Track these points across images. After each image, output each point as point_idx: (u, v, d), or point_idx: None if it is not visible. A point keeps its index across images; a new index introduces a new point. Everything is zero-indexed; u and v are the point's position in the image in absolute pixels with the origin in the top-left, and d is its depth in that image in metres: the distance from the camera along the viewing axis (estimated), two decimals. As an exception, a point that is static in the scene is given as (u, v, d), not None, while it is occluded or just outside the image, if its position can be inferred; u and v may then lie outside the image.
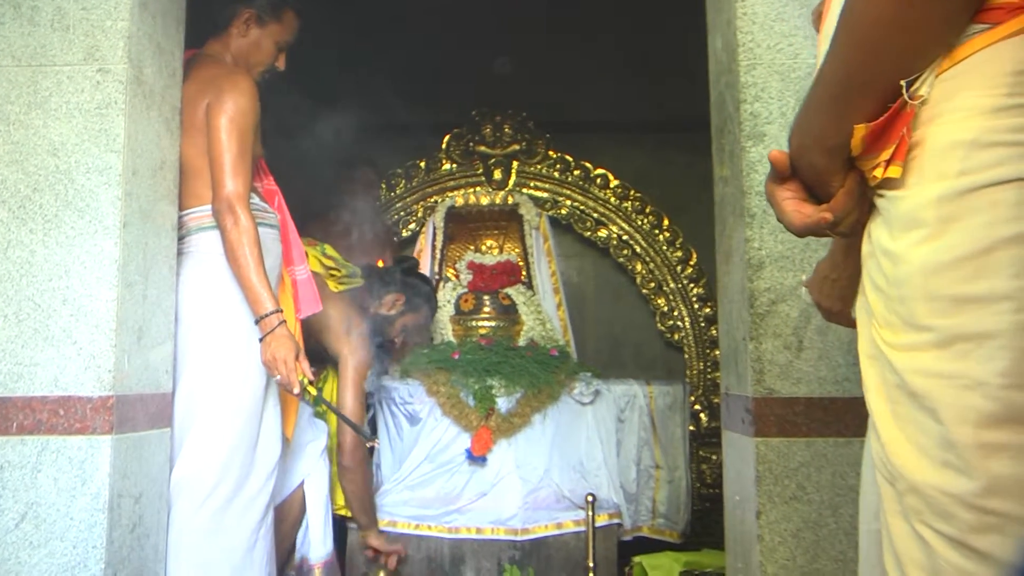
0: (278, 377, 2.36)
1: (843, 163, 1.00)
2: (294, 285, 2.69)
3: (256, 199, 2.53)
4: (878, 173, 0.94)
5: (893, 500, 0.93)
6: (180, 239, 2.40)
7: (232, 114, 2.40)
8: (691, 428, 4.03)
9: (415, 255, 4.33)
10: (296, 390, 2.37)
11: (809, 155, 1.02)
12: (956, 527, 0.85)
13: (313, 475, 2.93)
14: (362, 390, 3.14)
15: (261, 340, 2.35)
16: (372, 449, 3.26)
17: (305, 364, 2.41)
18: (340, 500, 3.20)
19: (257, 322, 2.35)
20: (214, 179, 2.38)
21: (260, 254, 2.35)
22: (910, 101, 0.90)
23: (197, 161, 2.42)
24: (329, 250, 3.34)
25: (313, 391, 2.47)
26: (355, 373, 3.10)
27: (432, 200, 4.84)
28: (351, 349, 3.11)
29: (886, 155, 0.93)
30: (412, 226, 4.83)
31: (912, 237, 0.90)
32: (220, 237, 2.38)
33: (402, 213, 4.88)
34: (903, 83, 0.90)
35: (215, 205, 2.37)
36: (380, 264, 3.77)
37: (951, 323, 0.86)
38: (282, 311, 2.38)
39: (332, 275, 3.31)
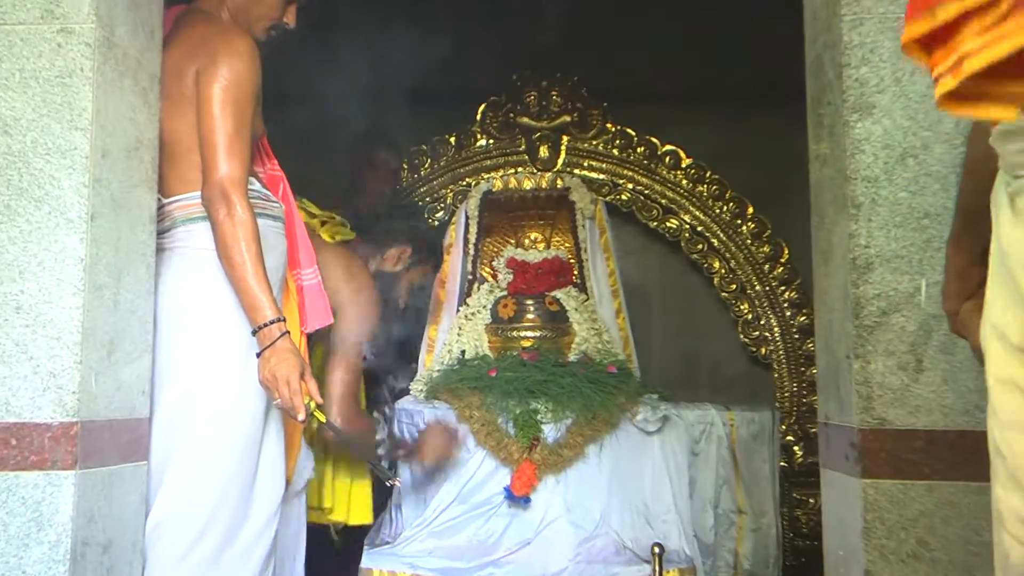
0: (278, 400, 2.35)
1: None
2: (300, 292, 2.68)
3: (256, 185, 2.53)
4: None
5: None
6: (162, 233, 2.41)
7: (227, 82, 2.39)
8: (782, 464, 4.03)
9: (444, 249, 4.31)
10: (301, 416, 2.36)
11: None
12: None
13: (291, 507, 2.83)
14: (357, 373, 3.09)
15: (259, 355, 2.35)
16: (392, 488, 3.24)
17: (312, 384, 2.40)
18: (328, 504, 3.17)
19: (255, 333, 2.35)
20: (205, 161, 2.38)
21: (259, 251, 2.35)
22: None
23: (185, 139, 2.43)
24: (308, 204, 3.29)
25: (322, 417, 2.46)
26: (351, 352, 3.05)
27: (464, 183, 4.86)
28: (350, 320, 3.04)
29: None
30: (440, 215, 4.84)
31: None
32: (211, 230, 2.37)
33: (427, 199, 4.90)
34: None
35: (205, 191, 2.37)
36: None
37: None
38: (285, 320, 2.38)
39: (324, 223, 3.28)
